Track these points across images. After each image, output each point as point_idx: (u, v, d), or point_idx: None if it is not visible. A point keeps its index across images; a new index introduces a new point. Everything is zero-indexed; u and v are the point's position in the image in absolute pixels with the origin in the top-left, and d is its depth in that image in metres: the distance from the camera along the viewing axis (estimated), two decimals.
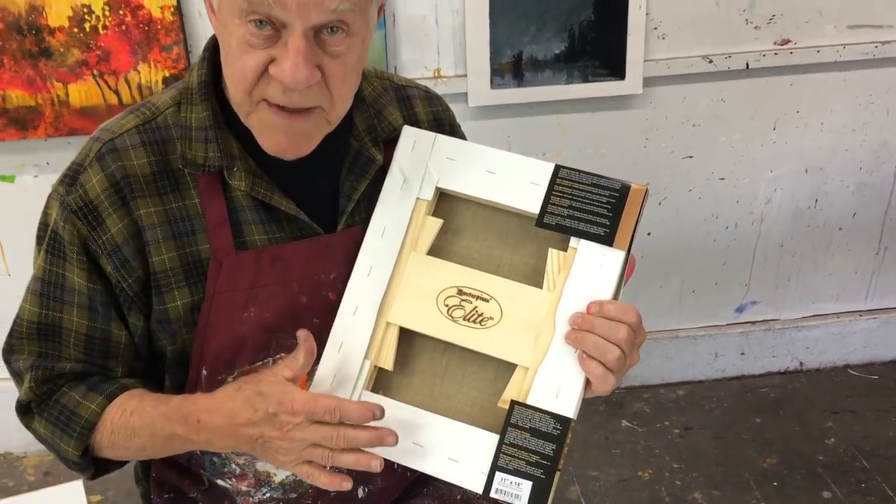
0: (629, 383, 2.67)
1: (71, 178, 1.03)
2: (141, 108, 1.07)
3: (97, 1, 1.95)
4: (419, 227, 1.07)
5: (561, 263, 1.03)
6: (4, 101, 2.02)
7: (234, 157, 1.03)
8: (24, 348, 1.08)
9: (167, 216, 1.03)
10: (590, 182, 1.04)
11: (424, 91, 1.22)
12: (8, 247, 2.27)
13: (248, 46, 0.93)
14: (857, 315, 2.68)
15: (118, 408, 1.05)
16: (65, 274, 1.04)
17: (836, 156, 2.43)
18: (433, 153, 1.08)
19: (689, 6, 2.17)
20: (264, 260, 1.05)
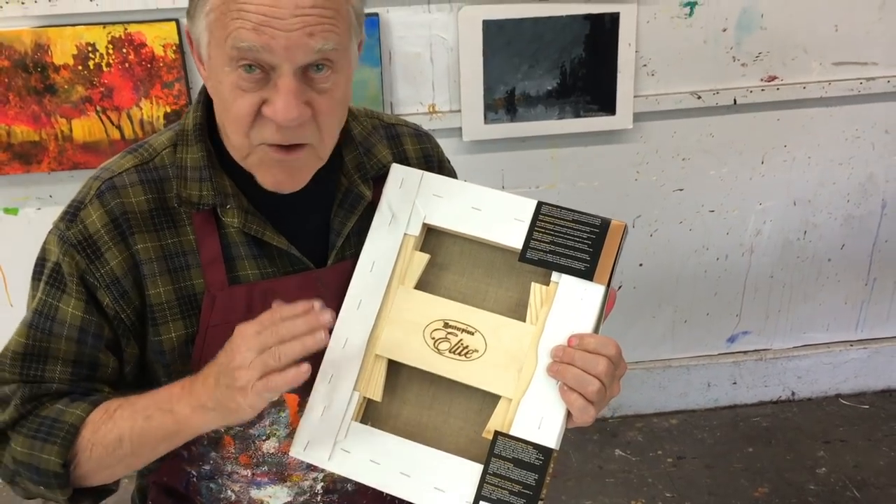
0: (622, 412, 2.69)
1: (71, 214, 1.07)
2: (139, 149, 1.11)
3: (101, 39, 2.01)
4: (407, 262, 1.10)
5: (543, 297, 1.06)
6: (9, 136, 2.07)
7: (228, 195, 1.08)
8: (6, 378, 1.07)
9: (163, 251, 1.07)
10: (571, 218, 1.07)
11: (414, 129, 1.26)
12: (11, 278, 2.30)
13: (240, 91, 0.98)
14: (848, 345, 2.71)
15: (101, 410, 1.05)
16: (59, 305, 1.06)
17: (823, 189, 2.47)
18: (420, 190, 1.12)
19: (678, 44, 2.23)
20: (256, 294, 1.09)
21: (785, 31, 2.25)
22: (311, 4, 0.94)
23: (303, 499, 1.17)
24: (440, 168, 1.26)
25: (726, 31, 2.24)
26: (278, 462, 1.14)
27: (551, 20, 2.13)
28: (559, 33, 2.15)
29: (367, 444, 1.07)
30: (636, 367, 2.64)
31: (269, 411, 1.12)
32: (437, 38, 2.15)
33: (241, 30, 0.94)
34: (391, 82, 2.17)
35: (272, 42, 0.93)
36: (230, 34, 0.95)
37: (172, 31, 2.01)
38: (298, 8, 0.93)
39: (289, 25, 0.93)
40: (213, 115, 1.10)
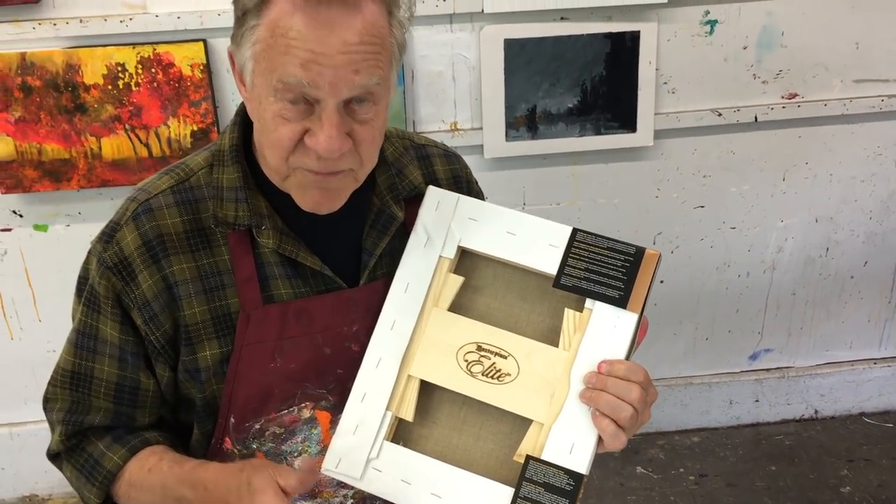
0: (644, 430, 2.69)
1: (108, 235, 1.10)
2: (175, 170, 1.14)
3: (131, 60, 2.05)
4: (441, 284, 1.11)
5: (577, 323, 1.07)
6: (40, 154, 2.11)
7: (263, 215, 1.10)
8: (58, 398, 1.15)
9: (199, 272, 1.10)
10: (605, 246, 1.08)
11: (443, 150, 1.29)
12: (39, 294, 2.34)
13: (283, 120, 1.00)
14: (872, 363, 2.70)
15: (138, 463, 1.11)
16: (98, 326, 1.11)
17: (845, 206, 2.47)
18: (456, 213, 1.13)
19: (698, 62, 2.25)
20: (290, 313, 1.10)
21: (805, 49, 2.26)
22: (357, 41, 0.96)
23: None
24: (469, 188, 1.28)
25: (747, 49, 2.25)
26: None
27: (572, 39, 2.15)
28: (580, 52, 2.17)
29: (399, 464, 1.08)
30: (658, 384, 2.59)
31: (302, 428, 1.14)
32: (460, 56, 2.18)
33: (288, 65, 0.95)
34: (414, 100, 2.20)
35: (318, 78, 0.95)
36: (277, 68, 0.96)
37: (200, 52, 2.05)
38: (345, 45, 0.95)
39: (335, 62, 0.95)
40: (249, 135, 1.12)
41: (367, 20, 0.96)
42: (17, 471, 2.54)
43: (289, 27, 0.95)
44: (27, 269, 2.31)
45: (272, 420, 1.13)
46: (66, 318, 2.41)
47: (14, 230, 2.26)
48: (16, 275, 2.31)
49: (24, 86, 2.05)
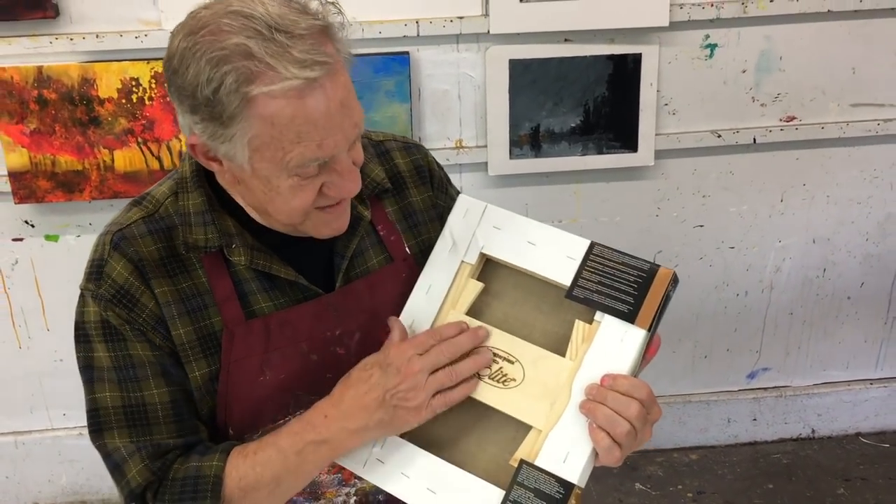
0: (643, 447, 2.70)
1: (96, 273, 1.11)
2: (143, 203, 1.16)
3: (145, 74, 2.10)
4: (461, 288, 1.16)
5: (585, 334, 1.09)
6: (54, 166, 2.16)
7: (232, 234, 1.12)
8: (114, 437, 1.10)
9: (180, 295, 1.11)
10: (620, 261, 1.10)
11: (402, 142, 1.31)
12: (48, 303, 2.38)
13: (299, 189, 1.04)
14: (868, 383, 2.73)
15: (238, 455, 1.10)
16: (130, 353, 1.10)
17: (842, 227, 2.51)
18: (482, 221, 1.17)
19: (698, 84, 2.30)
20: (273, 326, 1.13)
21: (803, 73, 2.31)
22: (346, 93, 1.01)
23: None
24: (430, 175, 1.30)
25: (746, 73, 2.30)
26: (311, 481, 1.18)
27: (575, 60, 2.21)
28: (583, 73, 2.22)
29: (401, 457, 1.11)
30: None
31: None
32: (465, 76, 2.23)
33: (306, 152, 1.00)
34: (420, 118, 2.25)
35: (334, 149, 1.01)
36: (293, 156, 1.00)
37: None
38: (341, 105, 1.00)
39: (343, 124, 1.01)
40: None
41: (339, 66, 1.01)
42: (21, 479, 2.56)
43: (293, 115, 0.98)
44: (37, 278, 2.34)
45: (269, 430, 1.14)
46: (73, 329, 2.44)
47: (26, 240, 2.30)
48: (26, 284, 2.35)
49: (40, 98, 2.10)
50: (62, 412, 2.51)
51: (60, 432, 2.53)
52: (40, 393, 2.48)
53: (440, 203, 1.29)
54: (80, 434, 2.52)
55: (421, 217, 1.26)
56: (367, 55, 2.11)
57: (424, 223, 1.26)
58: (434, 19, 2.14)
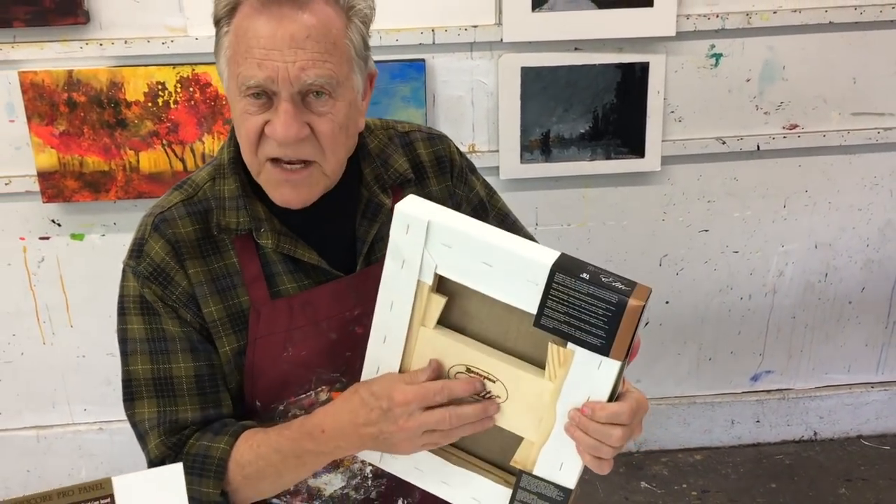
0: (648, 447, 2.77)
1: (137, 251, 1.21)
2: (183, 186, 1.25)
3: (170, 79, 2.18)
4: (424, 304, 1.08)
5: (561, 359, 1.04)
6: (81, 166, 2.24)
7: (261, 219, 1.20)
8: (144, 406, 1.20)
9: (212, 275, 1.20)
10: (586, 291, 0.99)
11: (427, 133, 1.37)
12: (72, 300, 2.45)
13: (247, 115, 1.12)
14: (869, 387, 2.79)
15: (245, 443, 1.17)
16: (163, 327, 1.20)
17: (843, 233, 2.58)
18: (429, 239, 1.04)
19: (704, 93, 2.38)
20: (296, 305, 1.21)
21: (805, 83, 2.39)
22: (305, 36, 1.08)
23: (355, 482, 1.28)
24: (452, 166, 1.36)
25: (750, 82, 2.38)
26: None
27: (585, 68, 2.29)
28: (592, 80, 2.30)
29: (412, 456, 1.15)
30: (661, 402, 2.73)
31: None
32: (479, 82, 2.31)
33: (249, 67, 1.09)
34: (434, 123, 2.32)
35: (273, 73, 1.08)
36: (242, 70, 1.10)
37: None
38: (293, 40, 1.08)
39: (286, 57, 1.08)
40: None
41: (317, 18, 1.09)
42: (41, 473, 2.63)
43: (248, 28, 1.09)
44: (62, 276, 2.42)
45: (293, 403, 1.22)
46: (96, 325, 2.54)
47: (52, 238, 2.38)
48: (51, 281, 2.42)
49: (70, 101, 2.18)
50: (83, 407, 2.58)
51: (81, 427, 2.60)
52: (62, 388, 2.55)
53: (458, 192, 1.36)
54: (101, 429, 2.59)
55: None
56: (384, 62, 2.19)
57: None
58: (449, 28, 2.22)
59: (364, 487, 1.29)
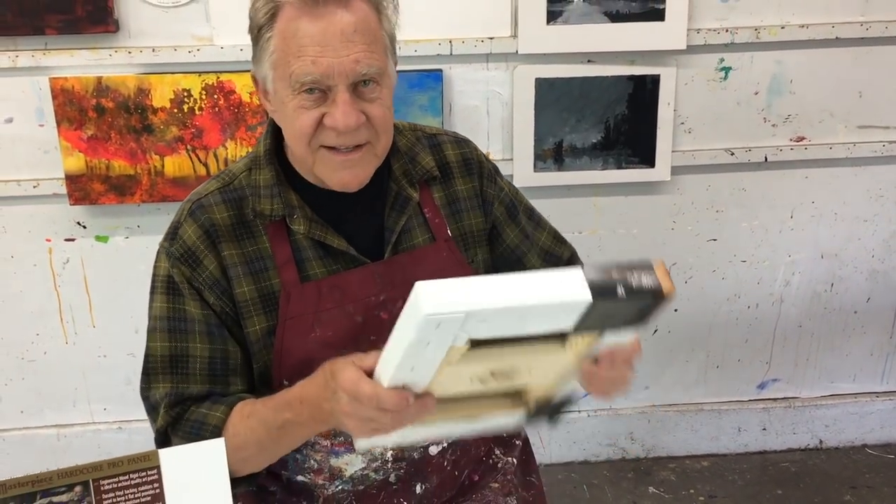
0: (656, 454, 2.82)
1: (172, 233, 1.29)
2: (221, 175, 1.33)
3: (196, 86, 2.25)
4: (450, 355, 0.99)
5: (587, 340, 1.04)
6: (108, 170, 2.31)
7: (294, 206, 1.28)
8: (158, 381, 1.27)
9: (245, 257, 1.28)
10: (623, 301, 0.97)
11: (453, 136, 1.46)
12: (95, 301, 2.51)
13: (303, 110, 1.20)
14: (874, 396, 2.83)
15: (237, 414, 1.24)
16: (185, 308, 1.27)
17: (849, 244, 2.63)
18: (464, 325, 0.94)
19: (713, 104, 2.44)
20: (324, 289, 1.28)
21: (812, 96, 2.45)
22: (353, 31, 1.16)
23: (375, 465, 1.34)
24: (480, 169, 1.42)
25: (758, 94, 2.44)
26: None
27: (598, 80, 2.35)
28: (604, 92, 2.37)
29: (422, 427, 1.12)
30: (669, 409, 2.78)
31: None
32: (494, 93, 2.37)
33: (303, 66, 1.16)
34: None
35: (328, 69, 1.16)
36: (294, 70, 1.17)
37: None
38: (344, 35, 1.16)
39: (339, 52, 1.16)
40: (280, 141, 1.31)
41: (358, 14, 1.17)
42: None
43: (295, 29, 1.15)
44: (86, 277, 2.48)
45: None
46: (118, 326, 2.60)
47: (77, 240, 2.44)
48: (75, 282, 2.49)
49: (98, 107, 2.25)
50: (103, 406, 2.64)
51: (101, 426, 2.65)
52: (83, 387, 2.61)
53: (488, 191, 1.43)
54: (120, 428, 2.65)
55: (463, 205, 1.40)
56: (403, 72, 2.25)
57: (466, 210, 1.40)
58: (466, 39, 2.29)
59: (384, 469, 1.34)
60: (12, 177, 2.36)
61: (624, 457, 2.82)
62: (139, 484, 0.95)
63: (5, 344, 2.54)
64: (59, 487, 0.92)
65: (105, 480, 0.94)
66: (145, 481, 0.95)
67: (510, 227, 1.46)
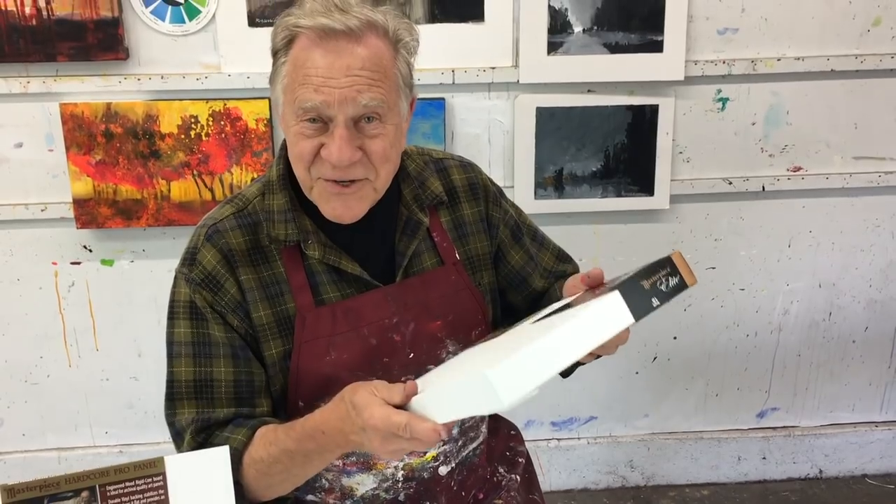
0: (656, 482, 2.82)
1: (190, 259, 1.30)
2: (235, 200, 1.35)
3: (203, 112, 2.30)
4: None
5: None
6: (115, 194, 2.34)
7: (309, 232, 1.30)
8: (184, 407, 1.28)
9: (261, 282, 1.30)
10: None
11: (459, 161, 1.49)
12: (99, 325, 2.54)
13: (303, 136, 1.22)
14: (873, 426, 2.84)
15: (260, 440, 1.24)
16: (209, 332, 1.29)
17: (847, 273, 2.66)
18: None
19: (711, 134, 2.48)
20: (339, 312, 1.30)
21: (809, 127, 2.49)
22: (360, 66, 1.19)
23: (386, 485, 1.35)
24: (485, 192, 1.47)
25: (755, 125, 2.48)
26: (365, 453, 1.33)
27: (597, 109, 2.40)
28: (604, 121, 2.41)
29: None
30: (669, 437, 2.79)
31: None
32: (495, 121, 2.42)
33: (306, 93, 1.19)
34: None
35: (329, 98, 1.18)
36: (298, 96, 1.20)
37: (265, 108, 2.30)
38: (349, 69, 1.18)
39: (342, 84, 1.18)
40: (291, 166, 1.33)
41: (370, 51, 1.20)
42: None
43: (306, 58, 1.19)
44: (91, 300, 2.51)
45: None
46: (121, 350, 2.62)
47: (83, 264, 2.47)
48: (80, 305, 2.51)
49: (107, 132, 2.30)
50: (104, 430, 2.65)
51: (102, 450, 2.66)
52: (85, 410, 2.62)
53: (494, 215, 1.46)
54: (121, 452, 2.66)
55: (470, 229, 1.43)
56: None
57: (472, 234, 1.43)
58: (468, 69, 2.34)
59: (394, 489, 1.36)
60: (21, 200, 2.39)
61: (624, 484, 2.82)
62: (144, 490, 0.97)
63: (10, 366, 2.56)
64: (66, 492, 0.94)
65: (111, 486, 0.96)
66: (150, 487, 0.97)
67: (514, 249, 1.49)
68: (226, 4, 2.25)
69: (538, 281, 1.51)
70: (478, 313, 1.39)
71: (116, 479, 0.96)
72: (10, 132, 2.34)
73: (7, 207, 2.39)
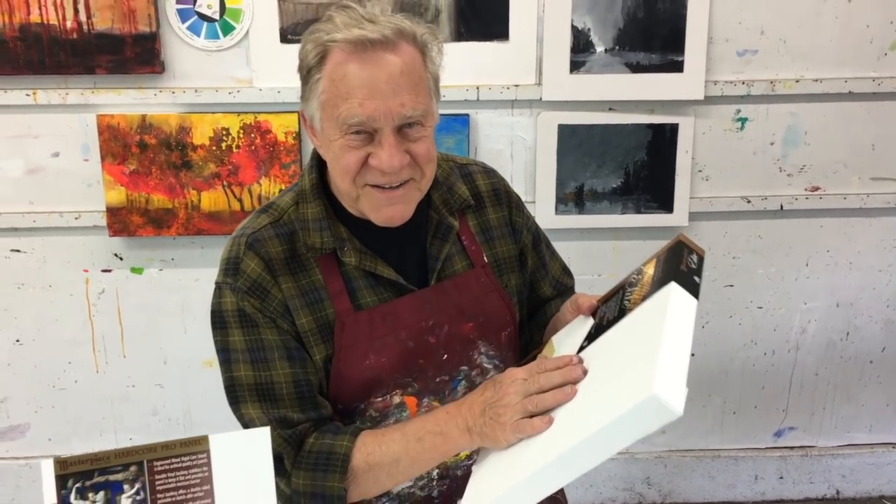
0: (672, 499, 2.83)
1: (233, 269, 1.31)
2: (269, 210, 1.38)
3: (234, 125, 2.37)
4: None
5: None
6: (147, 203, 2.41)
7: (344, 239, 1.34)
8: (248, 405, 1.30)
9: (300, 290, 1.32)
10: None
11: (482, 167, 1.53)
12: (127, 331, 2.59)
13: (349, 148, 1.25)
14: (891, 447, 2.84)
15: (368, 436, 1.27)
16: (262, 337, 1.31)
17: (864, 293, 2.68)
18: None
19: (730, 153, 2.52)
20: (377, 317, 1.33)
21: (827, 148, 2.53)
22: (399, 74, 1.22)
23: (421, 483, 1.38)
24: (508, 198, 1.51)
25: (774, 145, 2.52)
26: None
27: (618, 127, 2.45)
28: (625, 139, 2.46)
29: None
30: (686, 455, 2.80)
31: (393, 412, 1.35)
32: (518, 137, 2.47)
33: (350, 108, 1.21)
34: None
35: (375, 113, 1.21)
36: (342, 112, 1.22)
37: (294, 122, 2.36)
38: (391, 78, 1.21)
39: (386, 96, 1.21)
40: (325, 175, 1.37)
41: (404, 57, 1.23)
42: None
43: (344, 73, 1.21)
44: (120, 307, 2.57)
45: (371, 404, 1.34)
46: (147, 357, 2.66)
47: (113, 271, 2.53)
48: (109, 312, 2.57)
49: (142, 143, 2.36)
50: (129, 436, 2.69)
51: None
52: (111, 416, 2.67)
53: (517, 220, 1.50)
54: None
55: (496, 233, 1.47)
56: None
57: (498, 238, 1.47)
58: (493, 86, 2.40)
59: (429, 487, 1.39)
60: (55, 208, 2.46)
61: (640, 501, 2.83)
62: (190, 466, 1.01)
63: (39, 371, 2.61)
64: (115, 466, 0.98)
65: (158, 461, 1.00)
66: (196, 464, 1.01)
67: (532, 254, 1.53)
68: (259, 21, 2.33)
69: (546, 288, 1.56)
70: (506, 315, 1.43)
71: (163, 455, 1.00)
72: (48, 142, 2.42)
73: (42, 215, 2.45)
